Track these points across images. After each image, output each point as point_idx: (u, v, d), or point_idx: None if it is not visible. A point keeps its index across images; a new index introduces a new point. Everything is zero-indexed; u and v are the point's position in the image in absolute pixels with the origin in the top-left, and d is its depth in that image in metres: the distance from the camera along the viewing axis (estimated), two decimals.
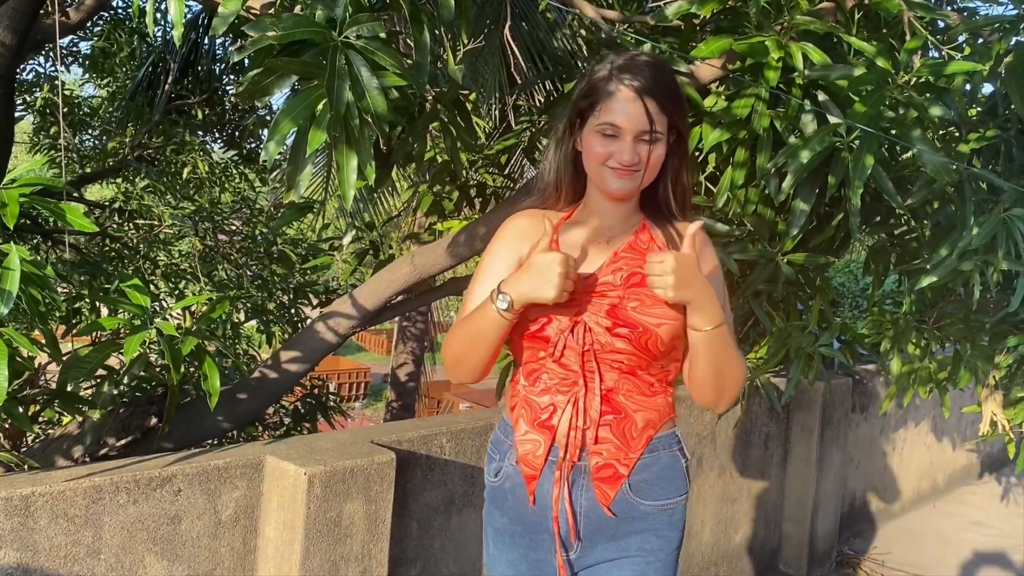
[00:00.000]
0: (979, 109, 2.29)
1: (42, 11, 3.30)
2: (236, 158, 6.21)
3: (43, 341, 1.93)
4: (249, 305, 4.42)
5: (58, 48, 5.34)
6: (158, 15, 5.27)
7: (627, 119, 1.47)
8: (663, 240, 1.58)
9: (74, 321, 3.24)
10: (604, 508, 1.54)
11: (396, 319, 9.22)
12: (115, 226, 5.56)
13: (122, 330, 2.18)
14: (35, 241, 4.98)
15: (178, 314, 3.63)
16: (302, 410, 3.89)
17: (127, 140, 5.58)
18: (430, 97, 2.18)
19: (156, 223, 5.44)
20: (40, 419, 2.50)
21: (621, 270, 1.54)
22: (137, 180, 5.89)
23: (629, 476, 1.54)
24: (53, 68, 5.90)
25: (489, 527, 1.66)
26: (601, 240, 1.58)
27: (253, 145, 6.15)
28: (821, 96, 2.04)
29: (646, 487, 1.55)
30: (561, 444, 1.53)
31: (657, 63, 1.52)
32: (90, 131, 6.29)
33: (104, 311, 3.18)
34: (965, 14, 2.12)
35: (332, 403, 3.97)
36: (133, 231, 5.60)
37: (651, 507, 1.56)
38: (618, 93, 1.48)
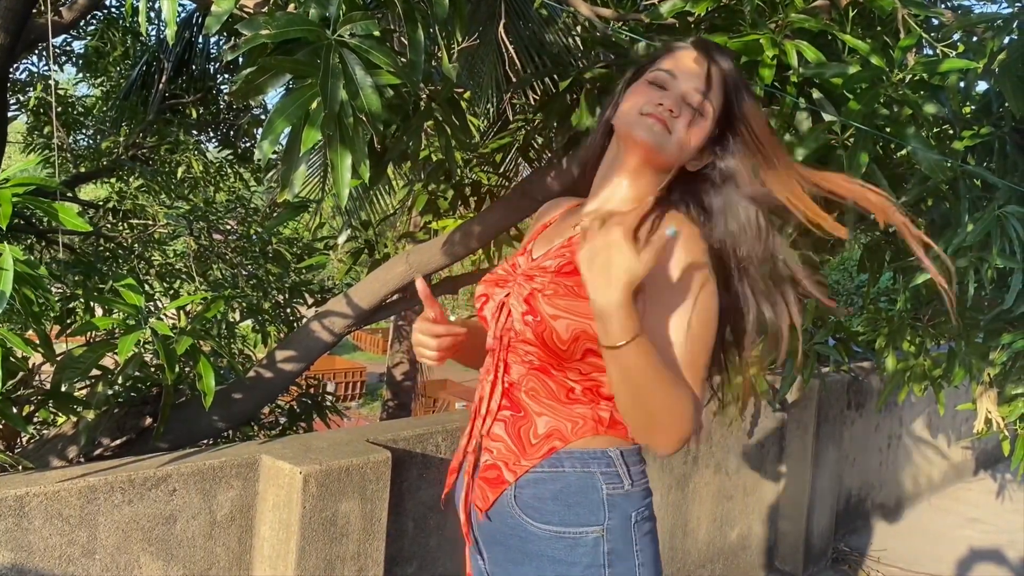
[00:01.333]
0: (973, 107, 2.29)
1: (35, 10, 3.28)
2: (231, 157, 6.20)
3: (37, 341, 1.93)
4: (244, 304, 4.41)
5: (51, 47, 5.33)
6: (151, 14, 5.25)
7: (685, 71, 1.32)
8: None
9: (68, 321, 3.23)
10: (479, 511, 1.37)
11: (392, 318, 9.21)
12: (109, 226, 5.55)
13: (116, 330, 2.17)
14: (29, 241, 4.96)
15: (173, 314, 3.62)
16: (298, 410, 3.88)
17: (121, 140, 5.57)
18: (425, 95, 2.18)
19: (151, 223, 5.43)
20: (35, 419, 2.50)
21: (563, 256, 1.35)
22: (131, 180, 5.88)
23: (516, 486, 1.32)
24: (47, 67, 5.88)
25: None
26: (573, 222, 1.40)
27: (248, 144, 6.14)
28: (816, 94, 2.04)
29: (537, 504, 1.31)
30: (468, 435, 1.41)
31: (732, 59, 1.36)
32: (84, 131, 6.28)
33: (99, 311, 3.18)
34: (959, 12, 2.12)
35: (328, 403, 3.96)
36: (127, 231, 5.59)
37: (542, 531, 1.30)
38: (686, 48, 1.35)
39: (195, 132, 5.86)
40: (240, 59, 1.58)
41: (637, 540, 1.30)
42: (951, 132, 2.32)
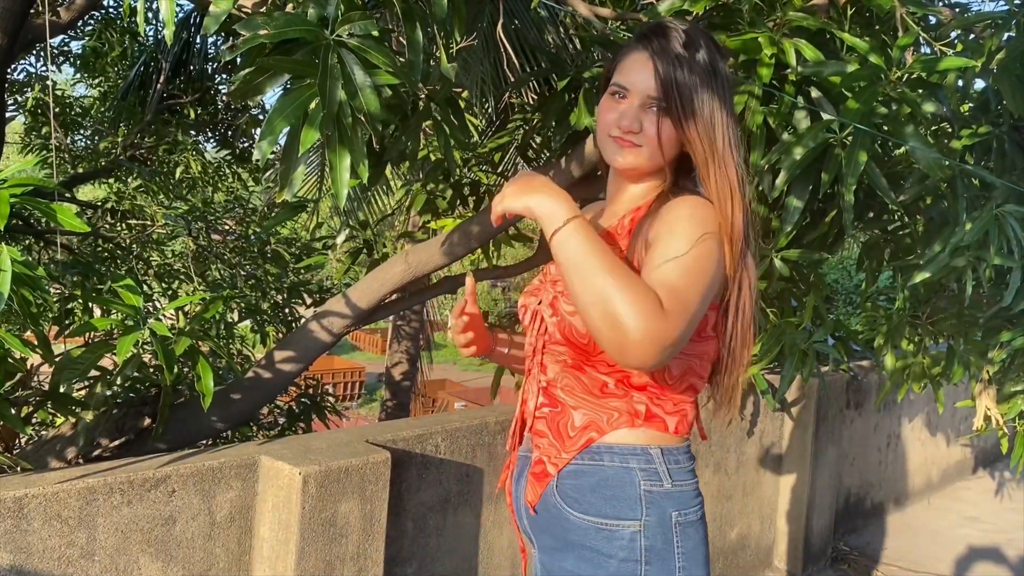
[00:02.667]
0: (971, 105, 2.29)
1: (32, 11, 3.28)
2: (229, 157, 6.20)
3: (35, 342, 1.92)
4: (243, 305, 4.41)
5: (49, 48, 5.32)
6: (149, 14, 5.25)
7: (634, 79, 1.34)
8: (644, 215, 1.38)
9: (67, 322, 3.22)
10: (529, 506, 1.43)
11: (391, 318, 9.21)
12: (108, 226, 5.55)
13: (115, 331, 2.17)
14: (27, 242, 4.96)
15: (171, 314, 3.62)
16: (297, 410, 3.88)
17: (119, 140, 5.56)
18: (423, 95, 2.17)
19: (149, 223, 5.42)
20: (33, 420, 2.49)
21: None
22: (130, 180, 5.87)
23: (558, 477, 1.38)
24: (44, 68, 5.88)
25: None
26: (594, 224, 1.44)
27: (246, 144, 6.14)
28: (814, 93, 2.04)
29: (576, 495, 1.36)
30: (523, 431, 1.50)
31: (690, 31, 1.34)
32: (82, 131, 6.27)
33: (97, 312, 3.17)
34: (957, 10, 2.12)
35: (327, 403, 3.96)
36: (126, 231, 5.58)
37: (582, 520, 1.35)
38: (633, 52, 1.37)
39: (193, 132, 5.85)
40: (238, 59, 1.58)
41: (679, 541, 1.33)
42: (949, 131, 2.32)
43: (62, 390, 2.04)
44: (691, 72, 1.31)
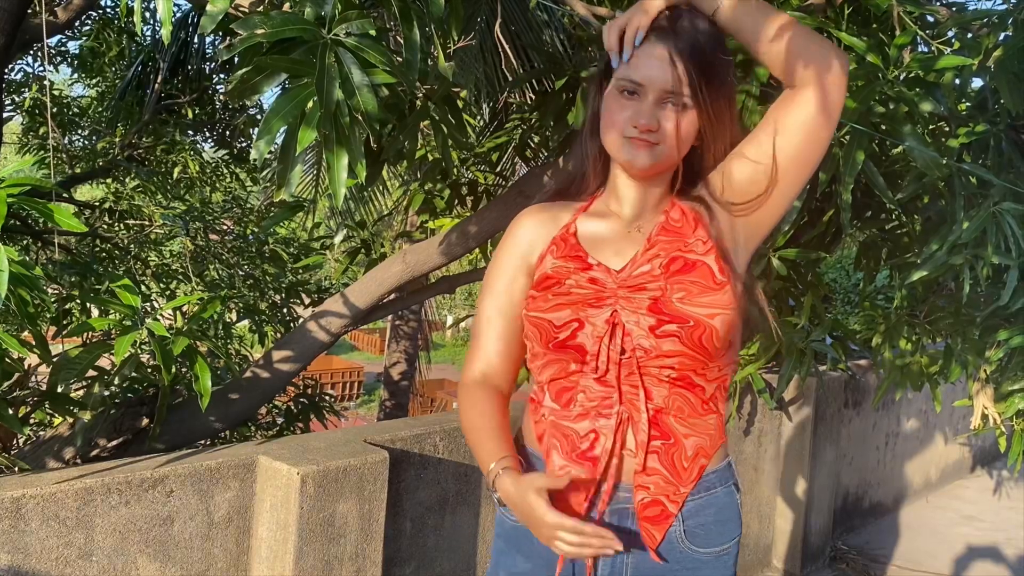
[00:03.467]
0: (969, 104, 2.29)
1: (30, 10, 3.28)
2: (227, 157, 6.19)
3: (33, 342, 1.92)
4: (241, 305, 4.41)
5: (46, 48, 5.32)
6: (147, 14, 5.24)
7: (648, 74, 1.25)
8: (696, 213, 1.34)
9: (65, 322, 3.22)
10: (651, 552, 1.28)
11: (389, 318, 9.21)
12: (105, 226, 5.54)
13: (113, 331, 2.17)
14: (25, 242, 4.95)
15: (169, 314, 3.62)
16: (295, 410, 3.88)
17: (117, 140, 5.55)
18: (421, 95, 2.17)
19: (147, 223, 5.42)
20: (31, 421, 2.49)
21: (659, 256, 1.29)
22: (127, 180, 5.87)
23: (681, 517, 1.29)
24: (42, 68, 5.87)
25: (503, 570, 1.39)
26: (629, 227, 1.35)
27: (244, 144, 6.13)
28: None
29: (703, 533, 1.30)
30: (604, 477, 1.28)
31: (701, 27, 1.28)
32: (80, 131, 6.26)
33: (95, 312, 3.17)
34: (954, 8, 2.12)
35: (325, 403, 3.96)
36: (124, 231, 5.58)
37: (707, 555, 1.31)
38: (646, 43, 1.26)
39: (191, 132, 5.84)
40: (235, 59, 1.58)
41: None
42: (947, 129, 2.32)
43: (60, 390, 2.04)
44: (707, 61, 1.26)
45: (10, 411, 1.90)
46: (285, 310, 4.77)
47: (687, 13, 1.28)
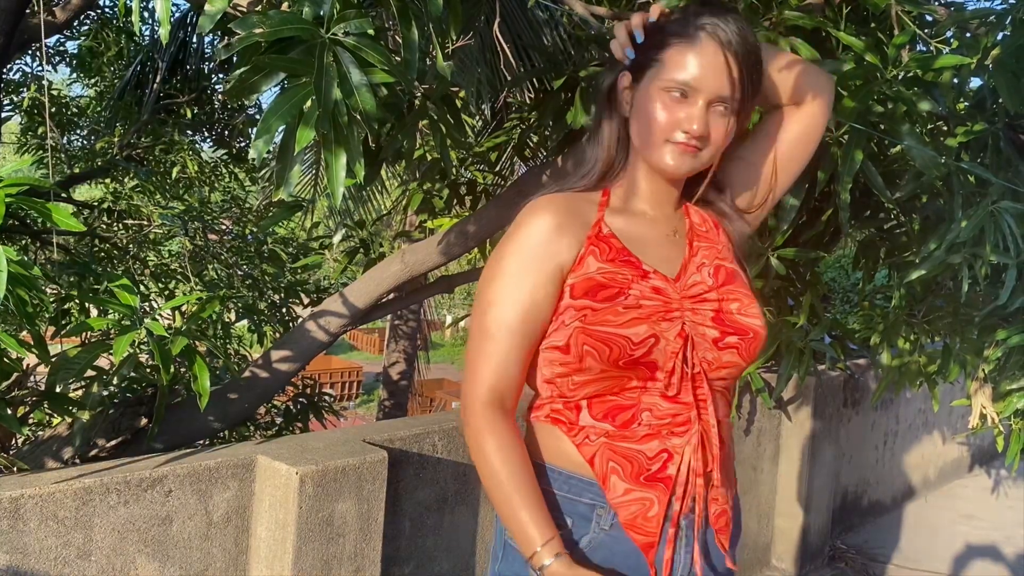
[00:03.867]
0: (967, 103, 2.29)
1: (28, 10, 3.28)
2: (226, 157, 6.19)
3: (31, 342, 1.92)
4: (240, 305, 4.40)
5: (44, 48, 5.31)
6: (145, 14, 5.24)
7: (703, 78, 1.19)
8: (713, 218, 1.34)
9: (64, 323, 3.22)
10: (727, 559, 1.27)
11: (388, 318, 9.21)
12: (104, 226, 5.54)
13: (112, 331, 2.17)
14: (24, 242, 4.95)
15: (168, 314, 3.62)
16: (294, 410, 3.88)
17: (116, 140, 5.55)
18: (419, 94, 2.17)
19: (145, 223, 5.42)
20: (30, 421, 2.49)
21: (705, 264, 1.27)
22: (126, 180, 5.86)
23: (733, 525, 1.29)
24: (40, 68, 5.87)
25: None
26: (666, 230, 1.30)
27: (243, 144, 6.13)
28: None
29: (735, 540, 1.30)
30: (679, 497, 1.21)
31: (750, 34, 1.23)
32: (78, 131, 6.26)
33: (94, 312, 3.17)
34: (952, 8, 2.12)
35: (324, 403, 3.96)
36: (122, 231, 5.57)
37: (733, 567, 1.29)
38: (697, 43, 1.19)
39: (190, 132, 5.84)
40: (234, 58, 1.58)
41: None
42: (945, 129, 2.32)
43: (58, 390, 2.04)
44: (757, 70, 1.24)
45: (8, 411, 1.90)
46: (284, 310, 4.77)
47: (735, 17, 1.22)
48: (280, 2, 1.69)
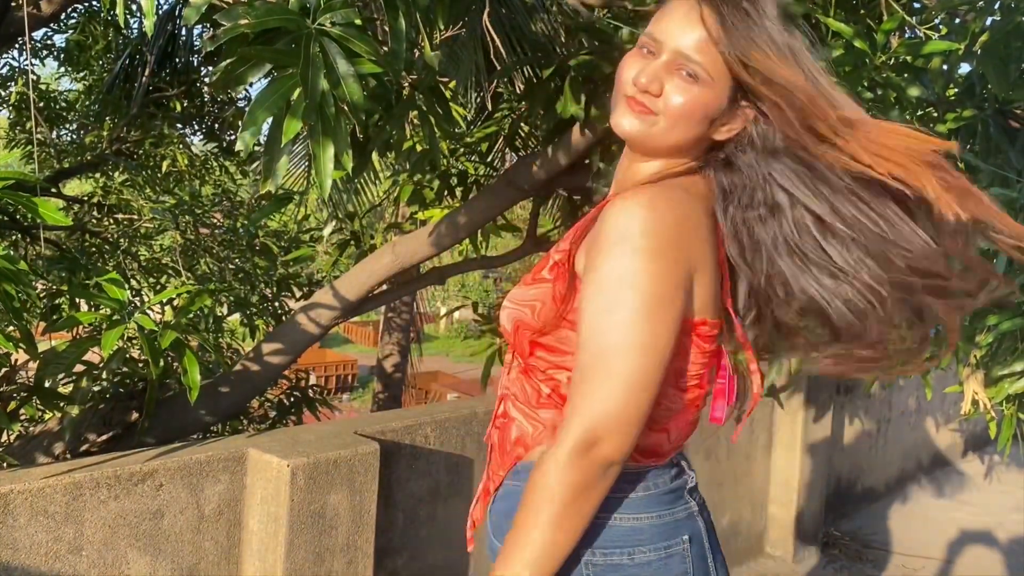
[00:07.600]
0: (956, 89, 2.29)
1: (14, 3, 3.25)
2: (216, 150, 6.16)
3: (19, 337, 1.91)
4: (232, 298, 4.39)
5: (29, 41, 5.28)
6: (133, 6, 5.21)
7: (669, 29, 1.08)
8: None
9: (54, 318, 3.20)
10: (472, 524, 1.27)
11: (381, 310, 9.19)
12: (94, 221, 5.51)
13: (102, 325, 2.16)
14: (13, 238, 4.92)
15: (159, 308, 3.60)
16: (287, 403, 3.87)
17: (105, 134, 5.52)
18: (407, 84, 2.16)
19: (136, 217, 5.39)
20: (21, 416, 2.48)
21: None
22: (116, 174, 5.83)
23: (493, 500, 1.21)
24: (27, 62, 5.83)
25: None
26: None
27: (233, 137, 6.10)
28: None
29: (502, 522, 1.15)
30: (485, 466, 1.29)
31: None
32: (67, 125, 6.22)
33: (85, 307, 3.16)
34: None
35: (317, 395, 3.95)
36: (113, 226, 5.55)
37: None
38: (673, 2, 1.10)
39: (179, 125, 5.81)
40: (221, 49, 1.57)
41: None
42: (934, 115, 2.32)
43: (47, 385, 2.03)
44: (748, 29, 1.07)
45: None
46: (276, 303, 4.75)
47: None
48: None
